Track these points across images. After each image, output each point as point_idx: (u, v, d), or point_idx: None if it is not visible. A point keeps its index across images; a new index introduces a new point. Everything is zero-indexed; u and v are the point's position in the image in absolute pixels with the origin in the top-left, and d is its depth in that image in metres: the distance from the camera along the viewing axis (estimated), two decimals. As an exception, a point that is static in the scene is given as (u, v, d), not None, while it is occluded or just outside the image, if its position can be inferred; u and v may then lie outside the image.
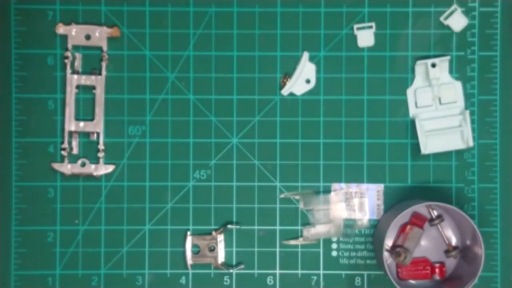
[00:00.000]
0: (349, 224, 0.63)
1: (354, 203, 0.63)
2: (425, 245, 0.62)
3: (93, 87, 0.62)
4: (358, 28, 0.63)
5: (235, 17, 0.63)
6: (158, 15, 0.63)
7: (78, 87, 0.63)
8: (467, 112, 0.62)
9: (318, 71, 0.63)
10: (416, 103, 0.63)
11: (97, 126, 0.62)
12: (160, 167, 0.63)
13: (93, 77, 0.62)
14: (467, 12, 0.63)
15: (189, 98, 0.63)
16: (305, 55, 0.63)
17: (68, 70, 0.62)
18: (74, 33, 0.62)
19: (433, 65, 0.61)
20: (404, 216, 0.58)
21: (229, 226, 0.62)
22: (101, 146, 0.62)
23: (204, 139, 0.63)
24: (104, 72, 0.63)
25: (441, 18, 0.63)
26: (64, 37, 0.62)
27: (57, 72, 0.63)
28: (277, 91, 0.63)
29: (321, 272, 0.63)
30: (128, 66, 0.63)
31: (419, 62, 0.62)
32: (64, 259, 0.62)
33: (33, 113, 0.63)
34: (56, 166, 0.62)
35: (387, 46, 0.63)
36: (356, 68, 0.63)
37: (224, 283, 0.63)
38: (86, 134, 0.63)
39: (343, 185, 0.63)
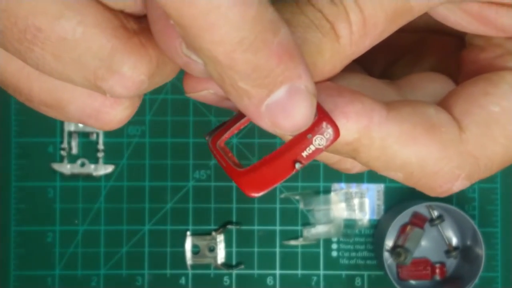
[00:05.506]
0: (349, 224, 0.63)
1: (354, 203, 0.63)
2: (425, 246, 0.62)
3: (93, 87, 0.62)
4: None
5: (235, 17, 0.63)
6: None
7: (77, 87, 0.62)
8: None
9: (318, 71, 0.63)
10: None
11: (97, 126, 0.62)
12: (159, 167, 0.62)
13: (92, 77, 0.62)
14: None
15: (189, 98, 0.63)
16: (305, 55, 0.62)
17: (68, 70, 0.62)
18: (74, 32, 0.62)
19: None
20: (404, 216, 0.58)
21: (229, 226, 0.62)
22: (100, 146, 0.62)
23: (204, 139, 0.63)
24: (103, 72, 0.62)
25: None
26: (64, 37, 0.62)
27: (56, 72, 0.62)
28: (277, 91, 0.63)
29: (321, 272, 0.62)
30: (128, 65, 0.63)
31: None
32: (63, 259, 0.62)
33: (32, 113, 0.62)
34: (56, 166, 0.62)
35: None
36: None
37: (224, 283, 0.63)
38: (85, 134, 0.63)
39: (343, 185, 0.63)
